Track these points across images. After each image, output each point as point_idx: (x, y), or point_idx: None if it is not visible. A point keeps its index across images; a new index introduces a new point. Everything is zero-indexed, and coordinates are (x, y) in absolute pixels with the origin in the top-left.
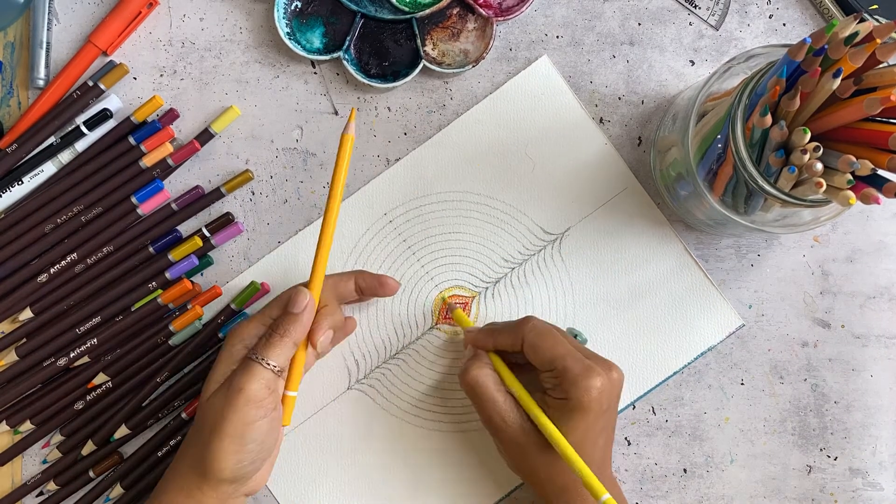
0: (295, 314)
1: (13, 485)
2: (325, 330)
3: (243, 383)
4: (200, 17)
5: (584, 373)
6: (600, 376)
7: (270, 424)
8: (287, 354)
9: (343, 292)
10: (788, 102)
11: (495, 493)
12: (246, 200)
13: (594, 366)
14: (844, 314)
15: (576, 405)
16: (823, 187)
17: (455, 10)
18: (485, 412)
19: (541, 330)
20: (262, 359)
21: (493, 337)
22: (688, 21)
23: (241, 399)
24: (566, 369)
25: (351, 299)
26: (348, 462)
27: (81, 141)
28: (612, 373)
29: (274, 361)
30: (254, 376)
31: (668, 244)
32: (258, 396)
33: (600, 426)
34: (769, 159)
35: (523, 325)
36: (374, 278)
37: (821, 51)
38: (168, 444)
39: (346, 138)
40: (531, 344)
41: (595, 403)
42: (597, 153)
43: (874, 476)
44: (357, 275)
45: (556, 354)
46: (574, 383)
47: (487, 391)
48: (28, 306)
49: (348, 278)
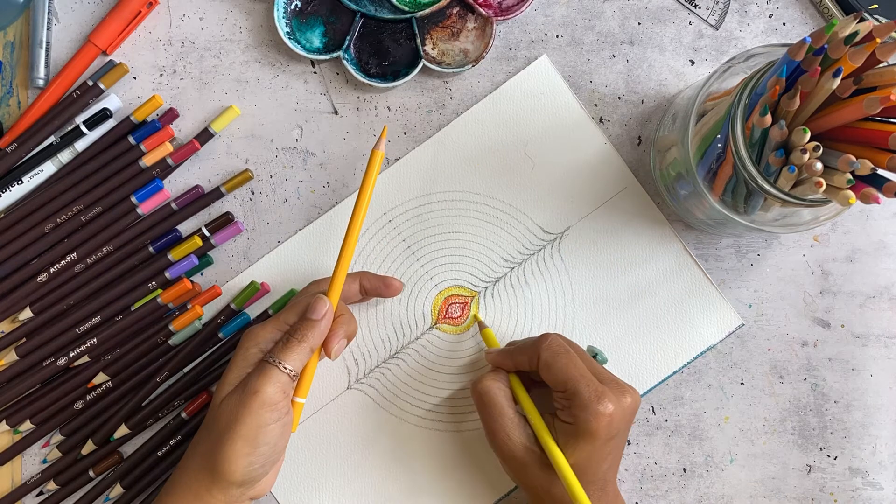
0: (314, 321)
1: (13, 484)
2: (339, 338)
3: (259, 386)
4: (200, 16)
5: (594, 398)
6: (611, 402)
7: (282, 428)
8: (303, 360)
9: (347, 293)
10: (788, 102)
11: (494, 494)
12: (246, 200)
13: (607, 391)
14: (844, 314)
15: (583, 430)
16: (823, 187)
17: (455, 10)
18: (490, 424)
19: (556, 349)
20: (278, 362)
21: (512, 357)
22: (688, 20)
23: (257, 401)
24: (577, 393)
25: (354, 300)
26: (347, 462)
27: (81, 140)
28: (625, 398)
29: (290, 365)
30: (270, 379)
31: (668, 244)
32: (273, 399)
33: (606, 451)
34: (769, 159)
35: (540, 343)
36: (379, 279)
37: (821, 50)
38: (168, 443)
39: (375, 154)
40: (545, 362)
41: (603, 430)
42: (596, 153)
43: (874, 476)
44: (361, 276)
45: (569, 376)
46: (583, 408)
47: (497, 404)
48: (28, 306)
49: (353, 279)
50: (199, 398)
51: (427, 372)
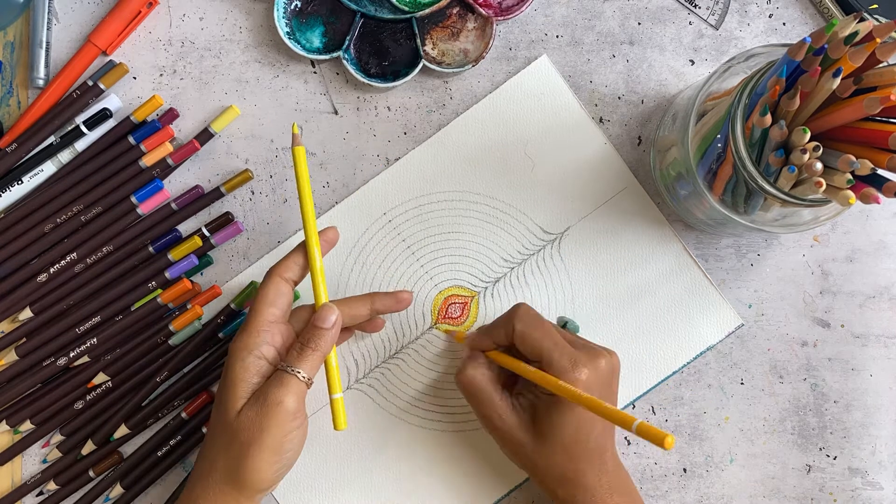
0: (325, 329)
1: (13, 484)
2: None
3: (282, 396)
4: (200, 16)
5: (569, 366)
6: (586, 367)
7: (303, 432)
8: (317, 366)
9: (356, 315)
10: (788, 102)
11: (494, 493)
12: (245, 200)
13: (580, 356)
14: (844, 314)
15: (563, 399)
16: (823, 187)
17: (455, 10)
18: (481, 411)
19: (529, 320)
20: (296, 371)
21: (490, 334)
22: (688, 20)
23: (282, 412)
24: (552, 362)
25: (361, 320)
26: (347, 461)
27: (81, 140)
28: (599, 361)
29: (306, 373)
30: (291, 389)
31: (668, 244)
32: (297, 408)
33: (592, 416)
34: (769, 159)
35: (513, 314)
36: (390, 297)
37: (821, 50)
38: (168, 443)
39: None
40: (520, 334)
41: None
42: (596, 153)
43: (873, 475)
44: (373, 298)
45: (543, 346)
46: (559, 376)
47: (483, 390)
48: (28, 306)
49: (363, 303)
50: (199, 398)
51: (427, 372)
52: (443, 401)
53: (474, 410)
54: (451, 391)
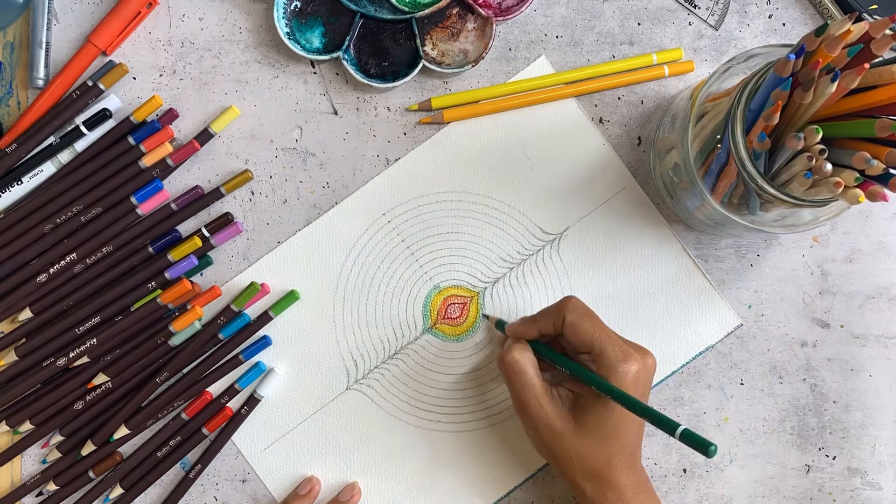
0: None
1: (13, 485)
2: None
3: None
4: (200, 16)
5: (621, 357)
6: (637, 362)
7: None
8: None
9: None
10: (802, 95)
11: (495, 493)
12: (245, 200)
13: (631, 351)
14: (843, 314)
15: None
16: (841, 188)
17: (455, 10)
18: (521, 394)
19: (582, 311)
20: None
21: (536, 323)
22: (687, 21)
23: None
24: (604, 353)
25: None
26: (347, 462)
27: (81, 141)
28: (648, 358)
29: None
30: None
31: (667, 244)
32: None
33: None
34: (753, 143)
35: (564, 305)
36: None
37: (822, 29)
38: (168, 444)
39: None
40: (571, 324)
41: (631, 389)
42: (596, 153)
43: (873, 476)
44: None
45: (595, 337)
46: (612, 368)
47: (526, 373)
48: (27, 306)
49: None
50: (199, 399)
51: (426, 372)
52: (442, 401)
53: (512, 394)
54: (451, 391)
